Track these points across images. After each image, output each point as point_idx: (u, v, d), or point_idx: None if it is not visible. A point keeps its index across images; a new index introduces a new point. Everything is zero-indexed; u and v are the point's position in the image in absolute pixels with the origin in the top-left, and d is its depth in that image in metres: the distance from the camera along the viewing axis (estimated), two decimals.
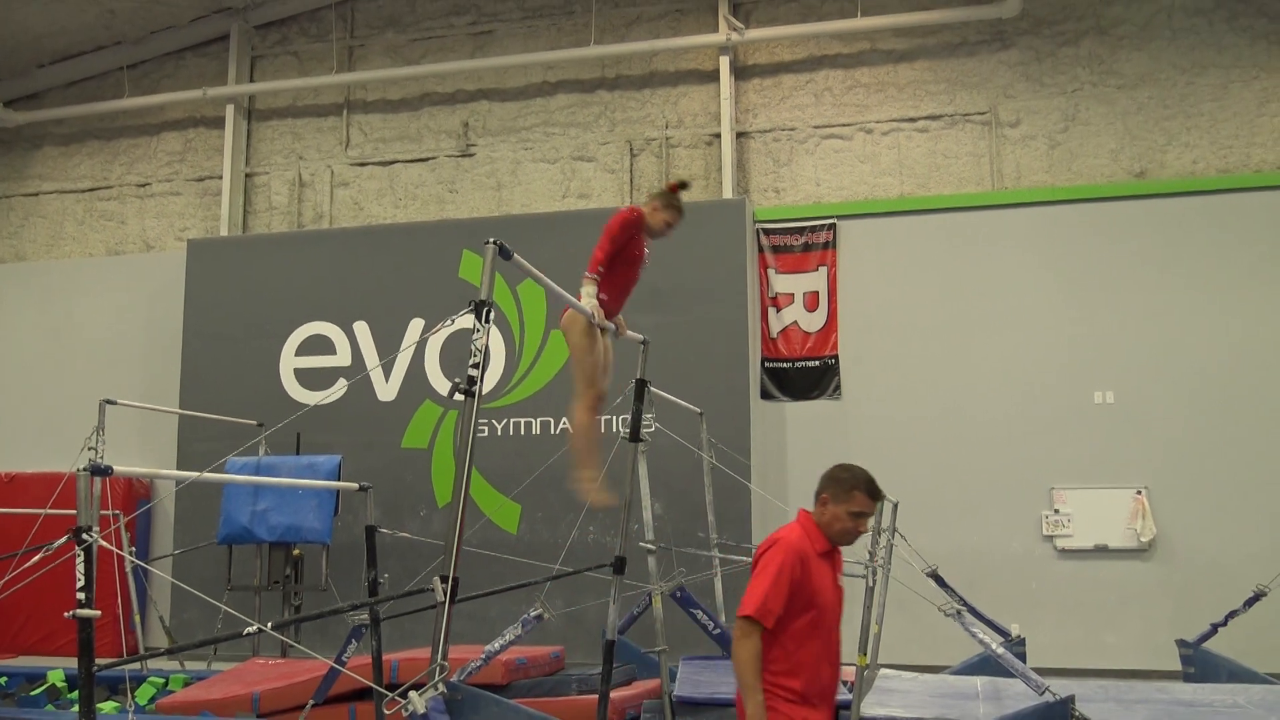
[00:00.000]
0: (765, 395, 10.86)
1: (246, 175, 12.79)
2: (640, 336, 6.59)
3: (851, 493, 4.07)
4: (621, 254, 5.90)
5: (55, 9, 12.17)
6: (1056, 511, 10.07)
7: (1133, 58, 10.67)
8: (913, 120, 11.09)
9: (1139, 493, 9.89)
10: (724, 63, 11.39)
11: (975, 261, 10.59)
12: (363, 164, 12.51)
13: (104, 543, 3.65)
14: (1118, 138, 10.60)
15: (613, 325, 6.04)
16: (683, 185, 6.21)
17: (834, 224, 10.92)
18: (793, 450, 10.75)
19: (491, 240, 4.23)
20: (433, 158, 12.29)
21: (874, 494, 4.09)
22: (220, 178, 12.73)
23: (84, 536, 3.56)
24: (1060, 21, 10.87)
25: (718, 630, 6.80)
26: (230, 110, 12.68)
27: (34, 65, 13.29)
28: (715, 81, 11.52)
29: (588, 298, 5.66)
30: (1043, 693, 4.79)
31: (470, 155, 12.18)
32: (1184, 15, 10.60)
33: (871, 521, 5.34)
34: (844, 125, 11.25)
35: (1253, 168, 10.25)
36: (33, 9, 12.06)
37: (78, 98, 13.24)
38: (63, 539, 4.11)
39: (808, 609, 3.91)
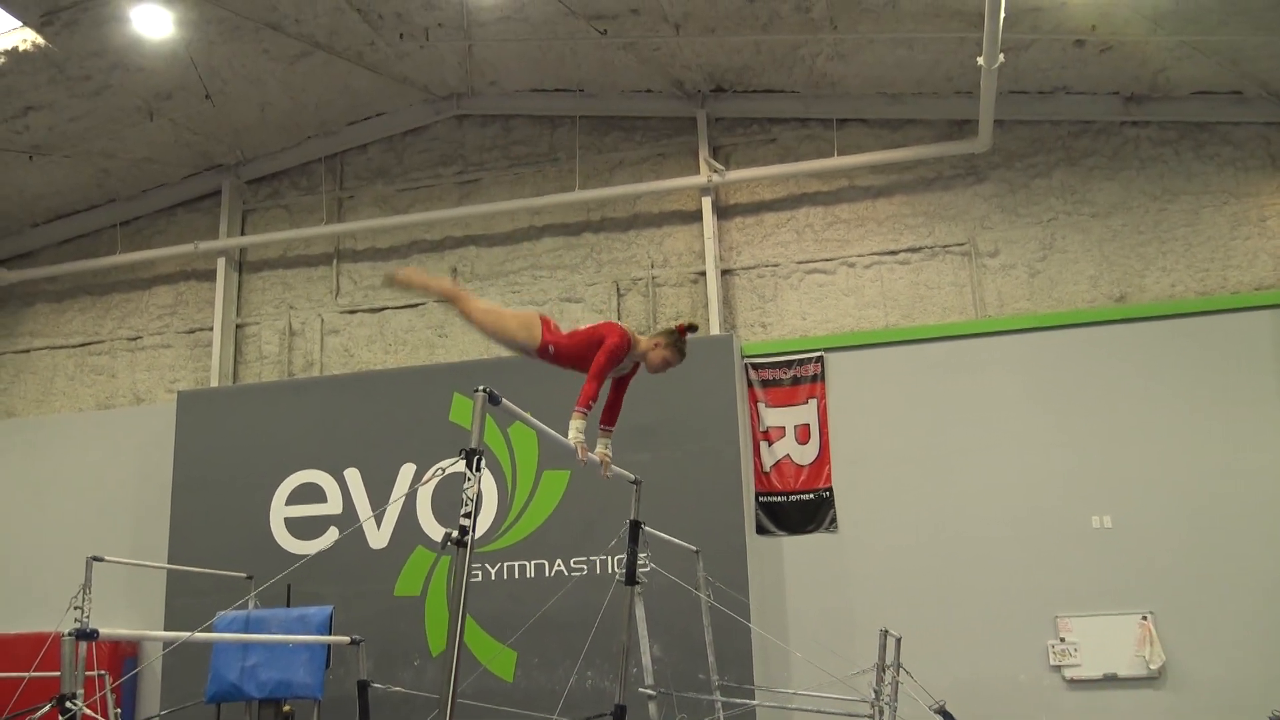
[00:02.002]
0: (761, 530, 10.77)
1: (237, 326, 12.90)
2: (632, 476, 6.57)
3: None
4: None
5: (51, 170, 12.45)
6: (1062, 640, 9.90)
7: (1104, 187, 10.95)
8: (894, 253, 11.30)
9: (1144, 618, 9.74)
10: (706, 203, 11.65)
11: (964, 389, 10.65)
12: (353, 311, 12.64)
13: (88, 711, 3.55)
14: (1096, 264, 10.80)
15: (597, 460, 5.95)
16: (692, 328, 6.14)
17: (822, 357, 11.01)
18: (791, 585, 10.61)
19: (481, 388, 4.25)
20: (422, 303, 12.43)
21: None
22: (211, 329, 12.83)
23: (68, 705, 3.47)
24: (1031, 155, 11.19)
25: None
26: (221, 263, 12.87)
27: (28, 224, 13.53)
28: (698, 221, 11.76)
29: (575, 432, 5.61)
30: None
31: None
32: (1151, 145, 10.92)
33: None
34: (827, 260, 11.45)
35: (1230, 289, 10.42)
36: (29, 170, 12.34)
37: (71, 255, 13.44)
38: (46, 706, 4.00)
39: None
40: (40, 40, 10.23)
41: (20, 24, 10.05)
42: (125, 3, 9.88)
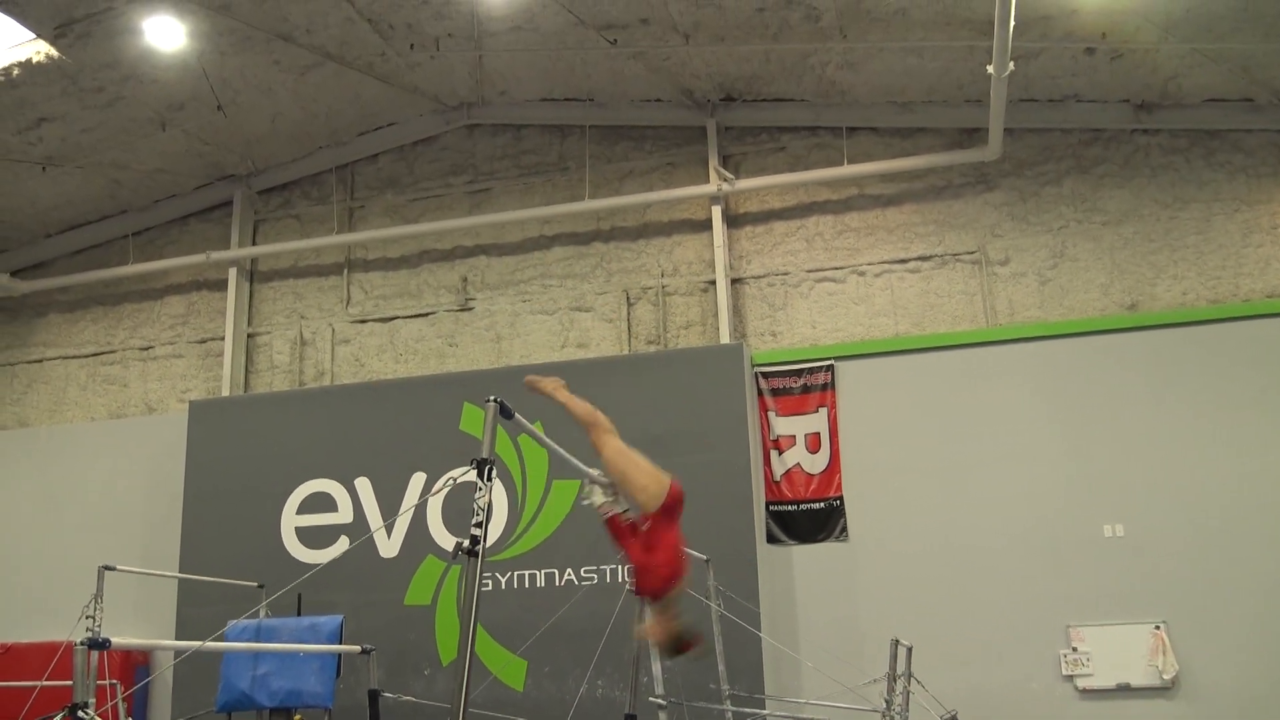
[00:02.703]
0: (771, 539, 10.75)
1: (248, 335, 12.95)
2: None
3: None
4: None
5: (63, 181, 12.52)
6: (1075, 650, 9.85)
7: (1115, 195, 10.92)
8: (904, 261, 11.28)
9: (1157, 628, 9.69)
10: (716, 212, 11.65)
11: (975, 398, 10.63)
12: (363, 321, 12.67)
13: None
14: (1107, 272, 10.77)
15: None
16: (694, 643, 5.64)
17: (832, 365, 11.00)
18: (801, 595, 10.59)
19: (493, 399, 4.26)
20: (432, 312, 12.46)
21: None
22: (222, 339, 12.88)
23: (80, 714, 3.48)
24: (1041, 163, 11.17)
25: None
26: (233, 273, 12.92)
27: (41, 235, 13.60)
28: (708, 230, 11.76)
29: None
30: None
31: (469, 309, 12.35)
32: (1161, 153, 10.89)
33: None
34: (836, 268, 11.44)
35: (1242, 297, 10.38)
36: (42, 182, 12.41)
37: (83, 265, 13.50)
38: (59, 715, 4.01)
39: None
40: (54, 52, 10.29)
41: (34, 36, 10.11)
42: (138, 15, 9.94)
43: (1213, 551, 9.76)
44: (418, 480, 11.10)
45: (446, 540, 10.81)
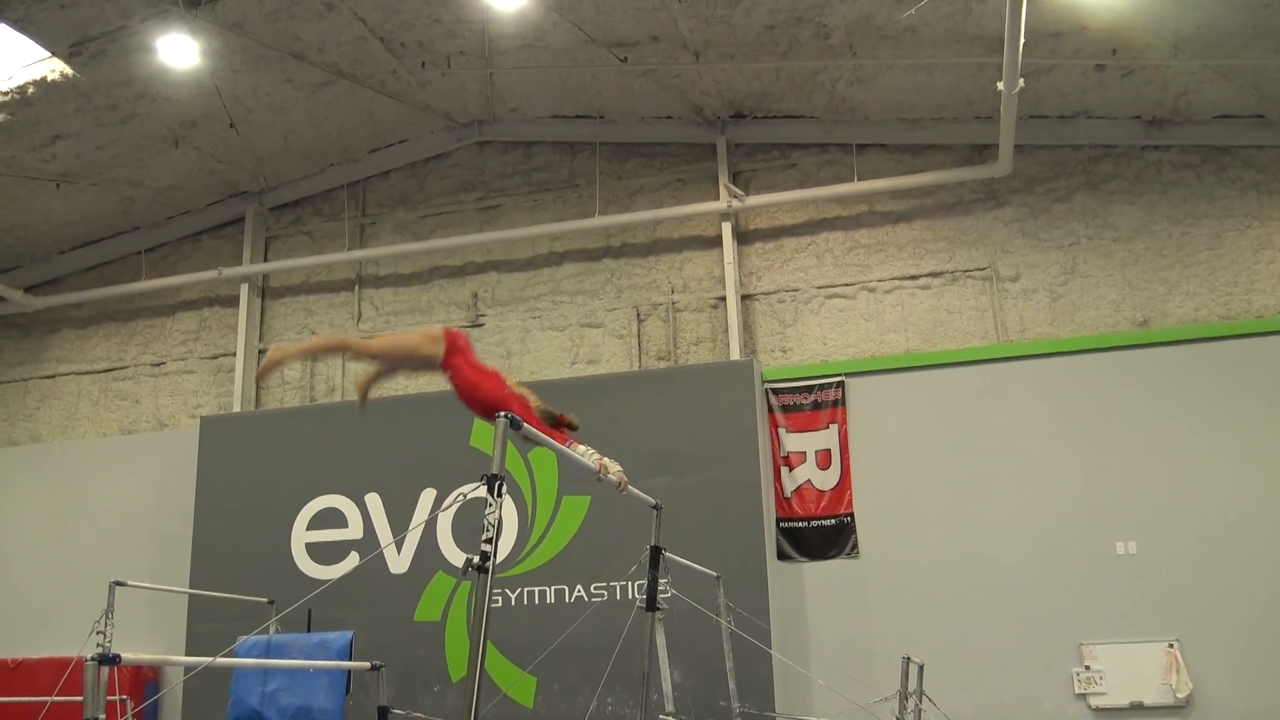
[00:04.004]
0: (782, 556, 10.72)
1: (260, 351, 12.97)
2: (653, 501, 6.56)
3: None
4: None
5: (77, 198, 12.59)
6: (1088, 668, 9.79)
7: (1126, 211, 10.91)
8: (914, 278, 11.28)
9: (1170, 645, 9.63)
10: (726, 228, 11.67)
11: (985, 414, 10.60)
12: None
13: None
14: (1118, 289, 10.74)
15: (615, 479, 5.89)
16: (571, 426, 6.06)
17: (842, 382, 10.98)
18: (812, 611, 10.55)
19: (503, 414, 4.26)
20: None
21: None
22: (234, 354, 12.92)
23: None
24: (1052, 179, 11.16)
25: None
26: (245, 289, 12.97)
27: (54, 252, 13.67)
28: (718, 246, 11.77)
29: (589, 450, 5.72)
30: None
31: (480, 325, 12.37)
32: (1172, 169, 10.88)
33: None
34: (847, 285, 11.44)
35: (1254, 314, 10.34)
36: (55, 198, 12.48)
37: (96, 282, 13.56)
38: None
39: None
40: (68, 70, 10.37)
41: (49, 54, 10.18)
42: (152, 33, 10.01)
43: (1227, 569, 9.70)
44: (428, 496, 11.11)
45: (456, 556, 10.81)
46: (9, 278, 13.58)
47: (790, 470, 10.92)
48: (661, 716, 6.56)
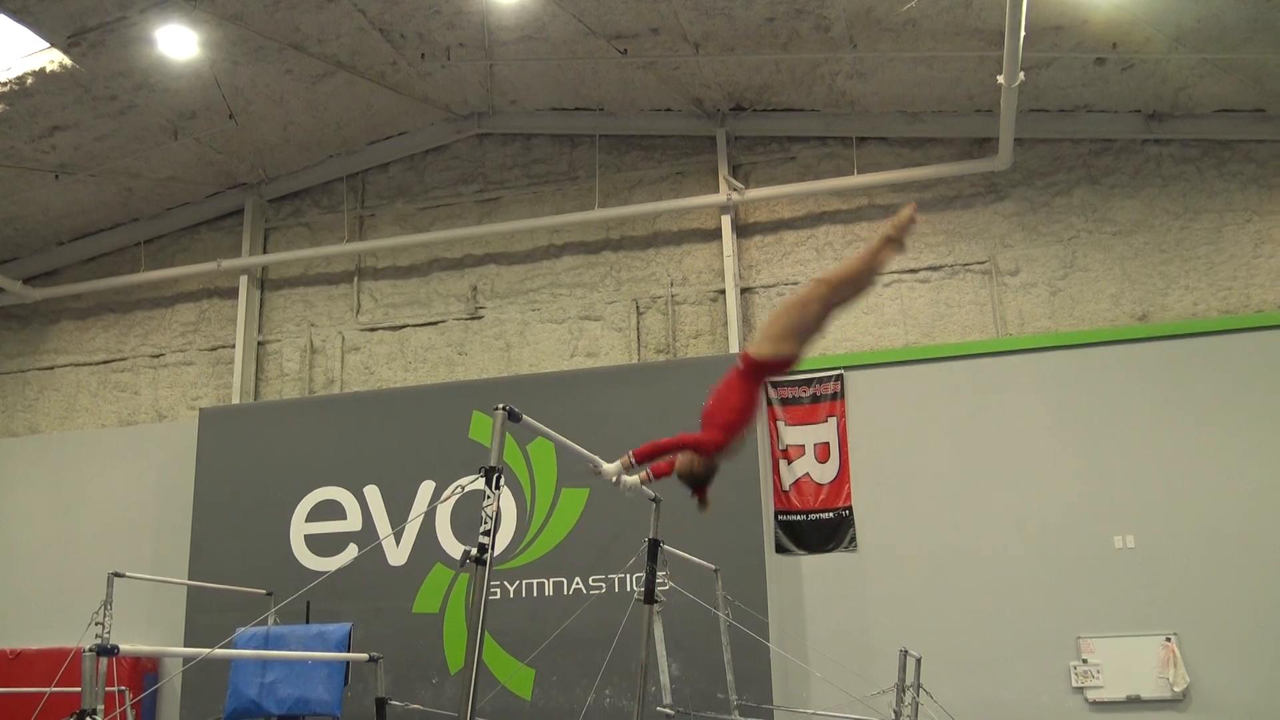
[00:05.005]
0: (780, 549, 10.73)
1: (259, 343, 12.98)
2: (652, 494, 6.56)
3: None
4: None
5: (76, 189, 12.58)
6: (1085, 661, 9.80)
7: (1126, 205, 10.90)
8: (914, 271, 11.27)
9: (1168, 639, 9.64)
10: (726, 221, 11.66)
11: (984, 408, 10.60)
12: (373, 329, 12.70)
13: None
14: (1117, 283, 10.74)
15: (636, 481, 5.94)
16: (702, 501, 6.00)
17: (841, 375, 10.98)
18: (810, 605, 10.55)
19: (501, 406, 4.26)
20: (442, 321, 12.48)
21: None
22: (233, 346, 12.92)
23: None
24: (1052, 173, 11.15)
25: None
26: (244, 281, 12.96)
27: (53, 243, 13.66)
28: (718, 240, 11.77)
29: (618, 467, 5.71)
30: None
31: (479, 318, 12.37)
32: (1173, 163, 10.87)
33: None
34: None
35: (1253, 308, 10.34)
36: (54, 190, 12.47)
37: (95, 273, 13.56)
38: None
39: None
40: (67, 61, 10.35)
41: (48, 45, 10.17)
42: (151, 24, 9.99)
43: (1224, 563, 9.71)
44: (426, 488, 11.11)
45: (455, 549, 10.82)
46: (8, 269, 13.57)
47: (789, 463, 10.92)
48: (659, 708, 6.57)
